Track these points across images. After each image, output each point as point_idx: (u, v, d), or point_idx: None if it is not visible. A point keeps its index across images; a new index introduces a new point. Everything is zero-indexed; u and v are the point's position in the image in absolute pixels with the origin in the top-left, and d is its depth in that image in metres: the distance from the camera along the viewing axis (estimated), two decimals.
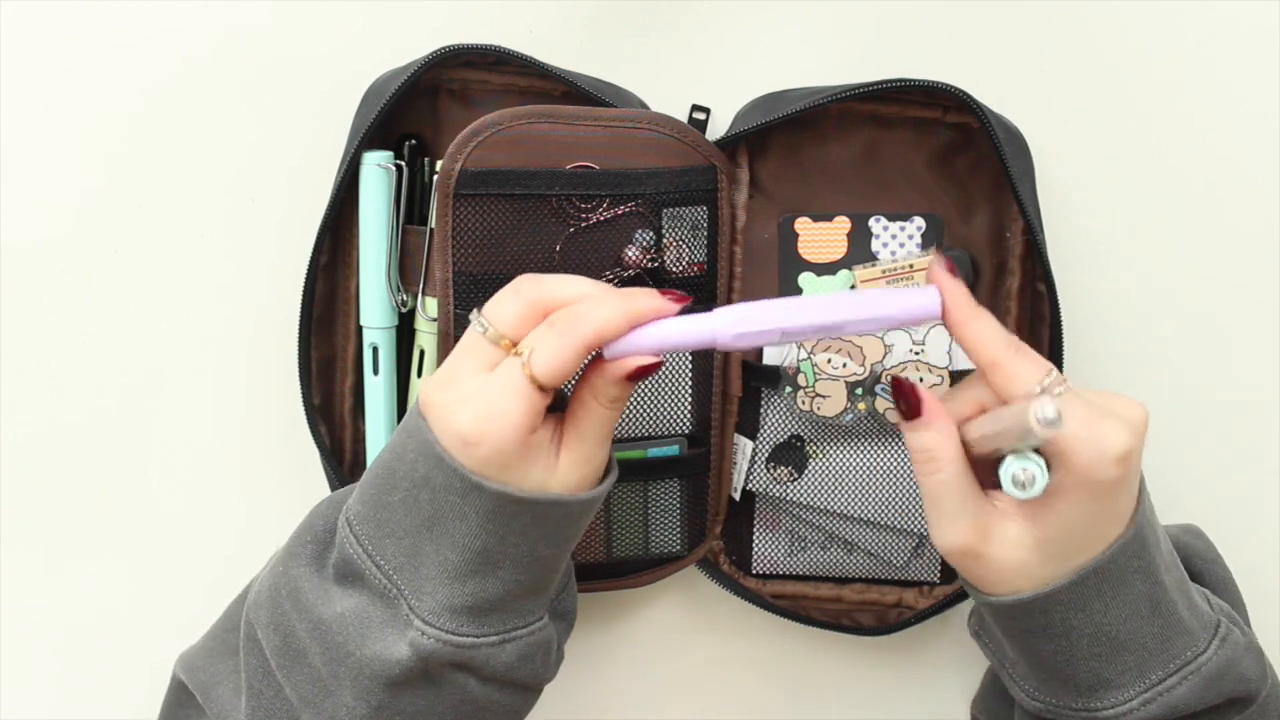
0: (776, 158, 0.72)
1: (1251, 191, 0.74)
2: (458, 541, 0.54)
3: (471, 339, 0.55)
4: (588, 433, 0.55)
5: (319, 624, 0.56)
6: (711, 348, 0.54)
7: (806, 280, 0.72)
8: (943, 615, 0.74)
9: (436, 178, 0.67)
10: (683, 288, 0.69)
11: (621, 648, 0.78)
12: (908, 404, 0.54)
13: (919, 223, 0.72)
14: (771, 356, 0.72)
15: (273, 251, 0.74)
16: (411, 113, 0.70)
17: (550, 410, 0.56)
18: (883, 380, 0.70)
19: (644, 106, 0.72)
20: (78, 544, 0.77)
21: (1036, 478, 0.51)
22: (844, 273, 0.72)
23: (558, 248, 0.68)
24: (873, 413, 0.70)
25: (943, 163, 0.72)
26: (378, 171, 0.69)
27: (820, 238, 0.72)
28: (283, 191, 0.74)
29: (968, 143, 0.71)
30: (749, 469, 0.73)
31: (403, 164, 0.70)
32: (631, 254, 0.69)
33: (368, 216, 0.70)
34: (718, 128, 0.72)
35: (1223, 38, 0.73)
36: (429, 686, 0.55)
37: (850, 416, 0.71)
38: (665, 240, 0.69)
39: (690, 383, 0.71)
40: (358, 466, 0.72)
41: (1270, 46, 0.73)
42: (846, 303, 0.54)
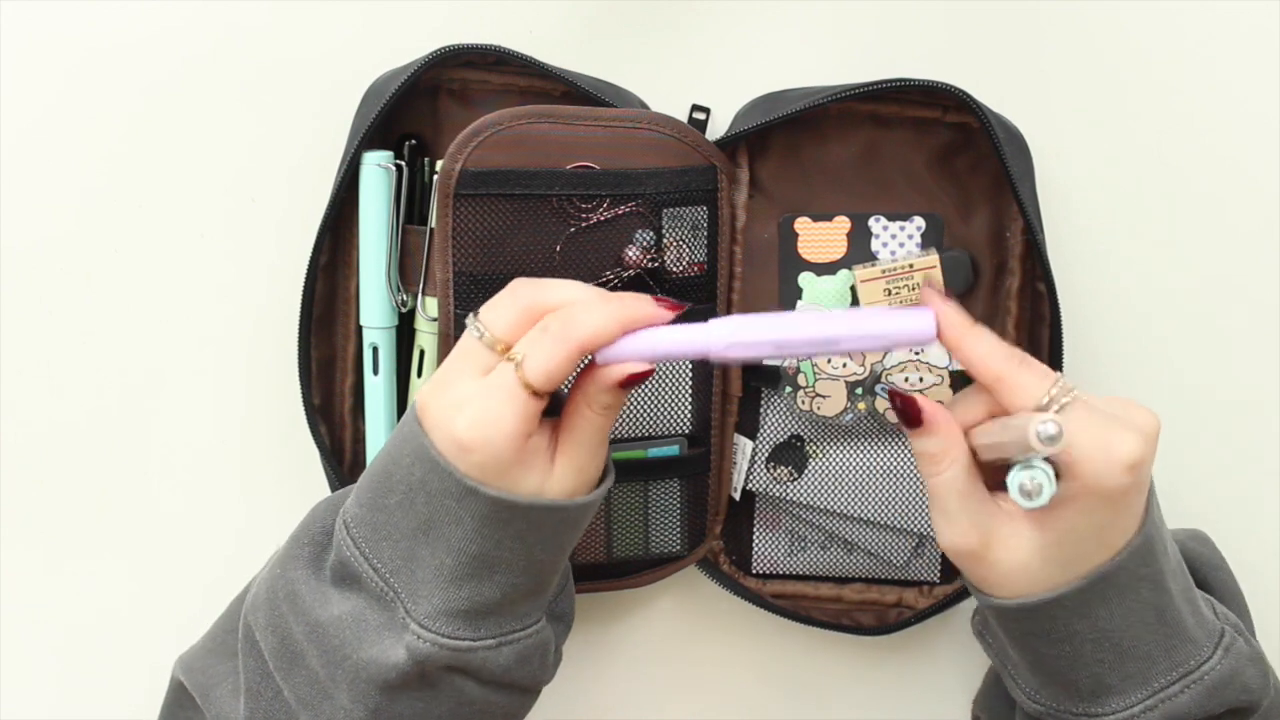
0: (776, 158, 0.72)
1: (1251, 191, 0.74)
2: (453, 546, 0.54)
3: (467, 343, 0.54)
4: (582, 439, 0.55)
5: (316, 626, 0.55)
6: (704, 359, 0.54)
7: (806, 280, 0.72)
8: (943, 615, 0.74)
9: (437, 178, 0.67)
10: (683, 288, 0.70)
11: (621, 648, 0.78)
12: (907, 415, 0.54)
13: (919, 223, 0.72)
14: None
15: (273, 251, 0.74)
16: (411, 113, 0.70)
17: (548, 415, 0.56)
18: (883, 380, 0.70)
19: (644, 106, 0.72)
20: (78, 544, 0.77)
21: (1044, 487, 0.51)
22: (844, 272, 0.72)
23: (558, 248, 0.68)
24: (873, 412, 0.70)
25: (942, 163, 0.72)
26: (378, 171, 0.69)
27: (820, 237, 0.72)
28: (283, 191, 0.74)
29: (968, 143, 0.71)
30: (749, 469, 0.73)
31: (403, 164, 0.70)
32: (632, 254, 0.69)
33: (368, 216, 0.70)
34: (718, 128, 0.72)
35: (1223, 38, 0.73)
36: (425, 690, 0.55)
37: (850, 416, 0.71)
38: (665, 240, 0.69)
39: (690, 383, 0.71)
40: (358, 466, 0.72)
41: (1270, 46, 0.73)
42: (841, 320, 0.53)
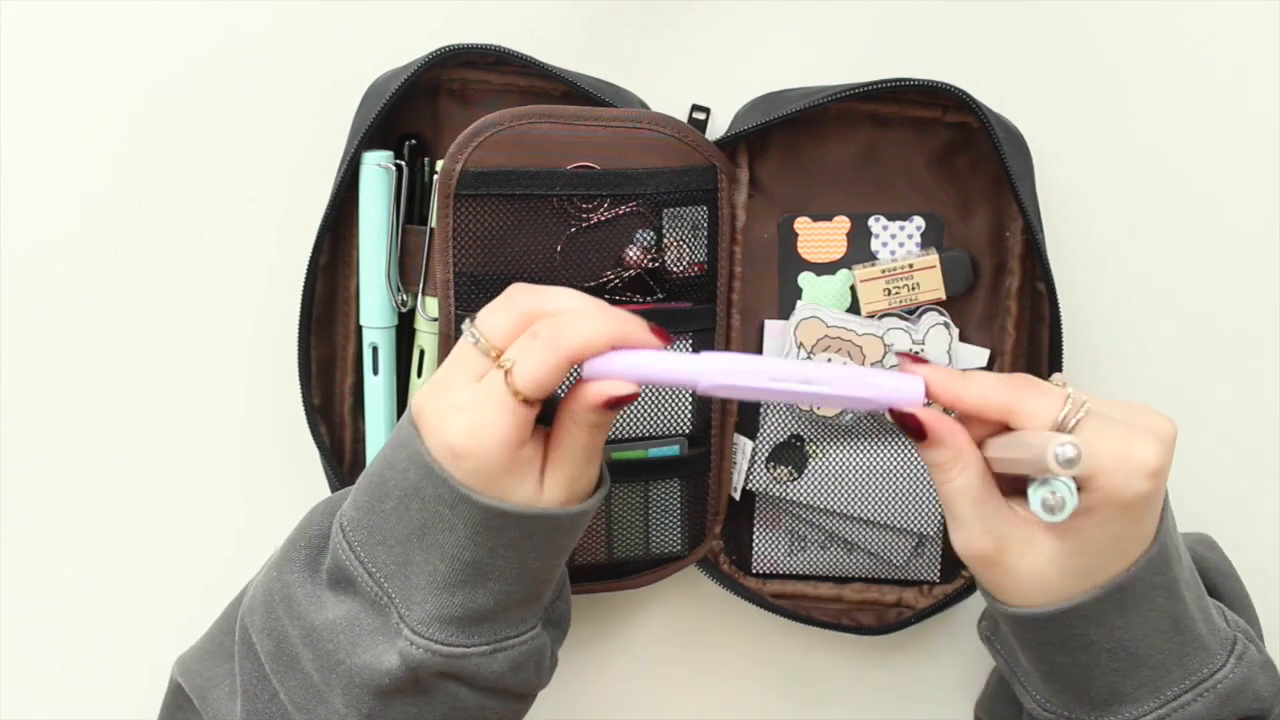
0: (776, 157, 0.72)
1: (1251, 191, 0.74)
2: (447, 552, 0.54)
3: (463, 349, 0.54)
4: (570, 455, 0.54)
5: (311, 630, 0.55)
6: (689, 388, 0.54)
7: (806, 280, 0.72)
8: (943, 615, 0.74)
9: (437, 178, 0.67)
10: (683, 287, 0.70)
11: (621, 648, 0.78)
12: (910, 430, 0.54)
13: (919, 222, 0.72)
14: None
15: (273, 251, 0.74)
16: (411, 113, 0.70)
17: (544, 423, 0.55)
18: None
19: (644, 106, 0.72)
20: (78, 544, 0.77)
21: (1066, 501, 0.50)
22: (844, 272, 0.72)
23: (558, 248, 0.68)
24: (873, 412, 0.70)
25: (942, 162, 0.72)
26: (378, 171, 0.69)
27: (820, 237, 0.72)
28: (283, 191, 0.74)
29: (967, 142, 0.71)
30: (749, 469, 0.73)
31: (403, 164, 0.70)
32: (632, 254, 0.69)
33: (368, 216, 0.70)
34: (718, 128, 0.72)
35: (1223, 38, 0.73)
36: (419, 695, 0.55)
37: (850, 416, 0.71)
38: (665, 240, 0.69)
39: None
40: (358, 466, 0.72)
41: (1270, 46, 0.73)
42: (831, 375, 0.53)
